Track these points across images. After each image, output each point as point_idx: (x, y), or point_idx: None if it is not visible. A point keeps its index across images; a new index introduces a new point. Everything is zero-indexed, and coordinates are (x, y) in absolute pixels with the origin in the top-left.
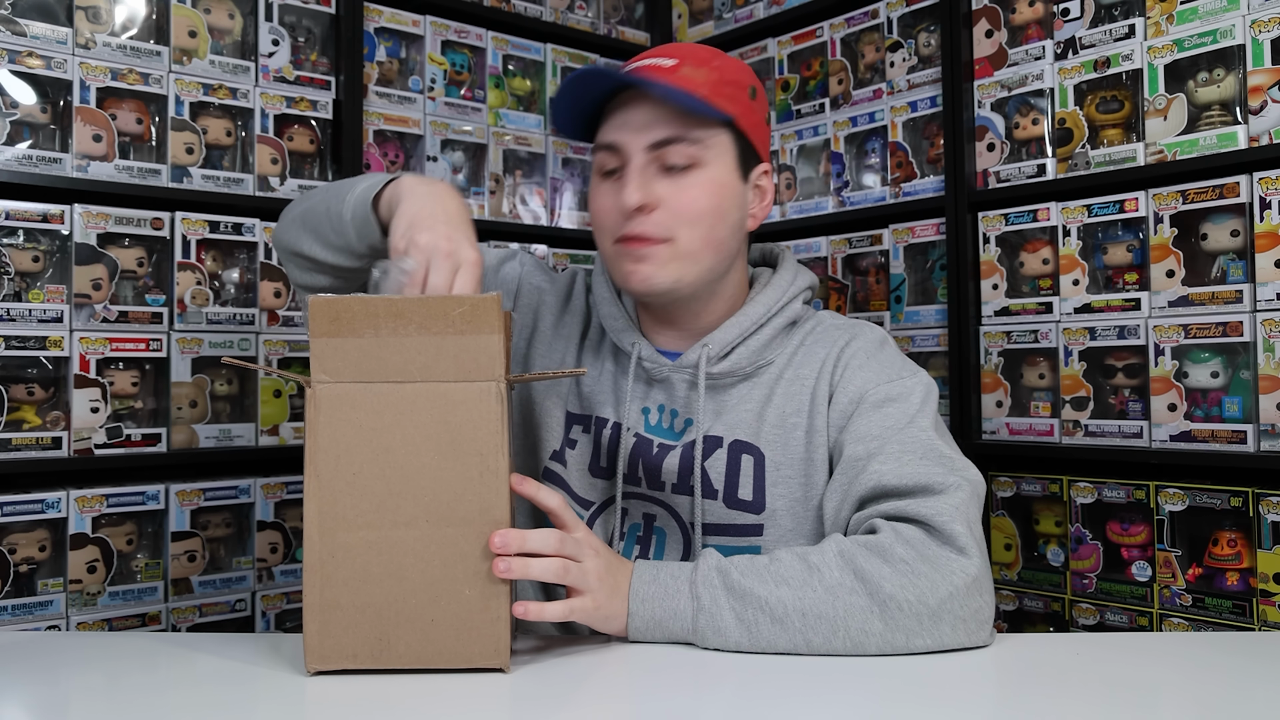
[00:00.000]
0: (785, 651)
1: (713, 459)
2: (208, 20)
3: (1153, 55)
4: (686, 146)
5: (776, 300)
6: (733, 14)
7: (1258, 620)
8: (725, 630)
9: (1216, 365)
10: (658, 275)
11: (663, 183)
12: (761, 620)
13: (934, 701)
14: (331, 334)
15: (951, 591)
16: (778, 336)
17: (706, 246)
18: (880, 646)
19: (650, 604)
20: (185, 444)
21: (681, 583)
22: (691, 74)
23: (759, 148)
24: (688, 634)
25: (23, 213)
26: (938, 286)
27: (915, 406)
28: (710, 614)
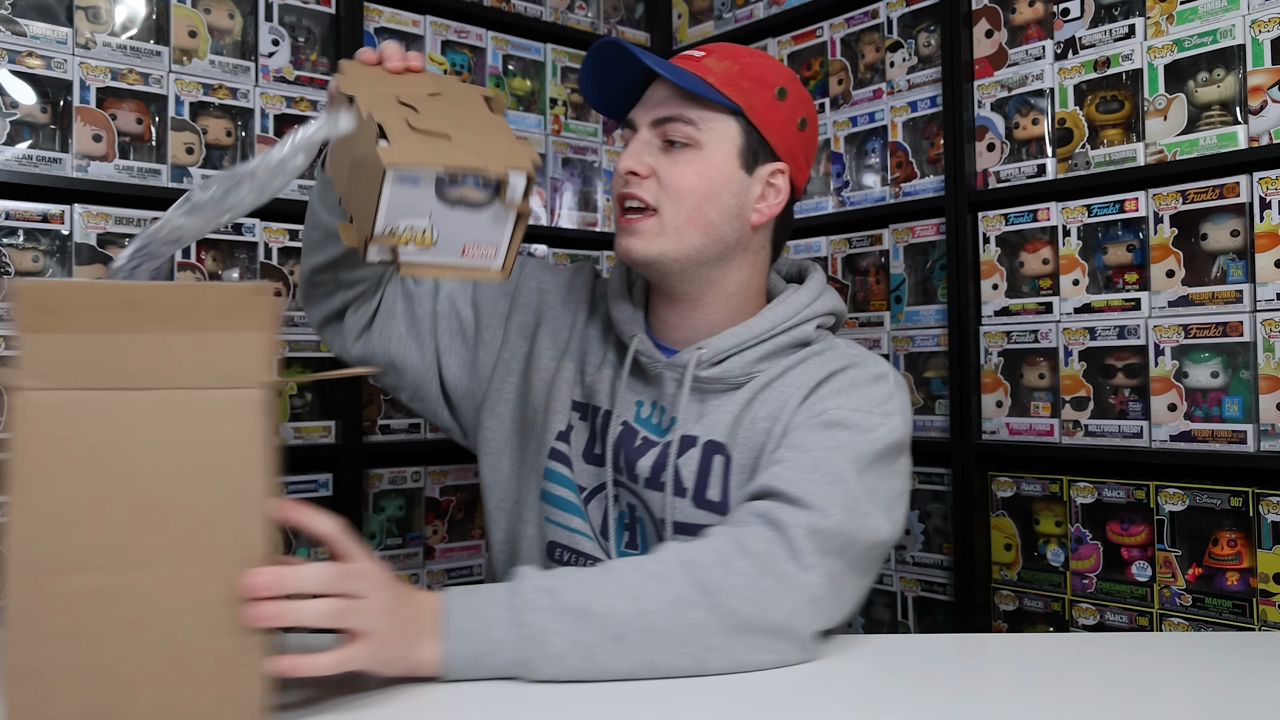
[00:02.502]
0: (626, 676)
1: (686, 457)
2: (208, 20)
3: (1153, 55)
4: (684, 126)
5: (785, 319)
6: (733, 14)
7: (1258, 620)
8: (560, 657)
9: (1216, 365)
10: (644, 245)
11: (661, 157)
12: (599, 641)
13: (934, 701)
14: (44, 328)
15: (793, 610)
16: (780, 354)
17: (692, 224)
18: (724, 663)
19: (468, 639)
20: None
21: (501, 610)
22: (713, 65)
23: (777, 146)
24: (515, 667)
25: (23, 213)
26: (938, 286)
27: (863, 444)
28: (540, 641)
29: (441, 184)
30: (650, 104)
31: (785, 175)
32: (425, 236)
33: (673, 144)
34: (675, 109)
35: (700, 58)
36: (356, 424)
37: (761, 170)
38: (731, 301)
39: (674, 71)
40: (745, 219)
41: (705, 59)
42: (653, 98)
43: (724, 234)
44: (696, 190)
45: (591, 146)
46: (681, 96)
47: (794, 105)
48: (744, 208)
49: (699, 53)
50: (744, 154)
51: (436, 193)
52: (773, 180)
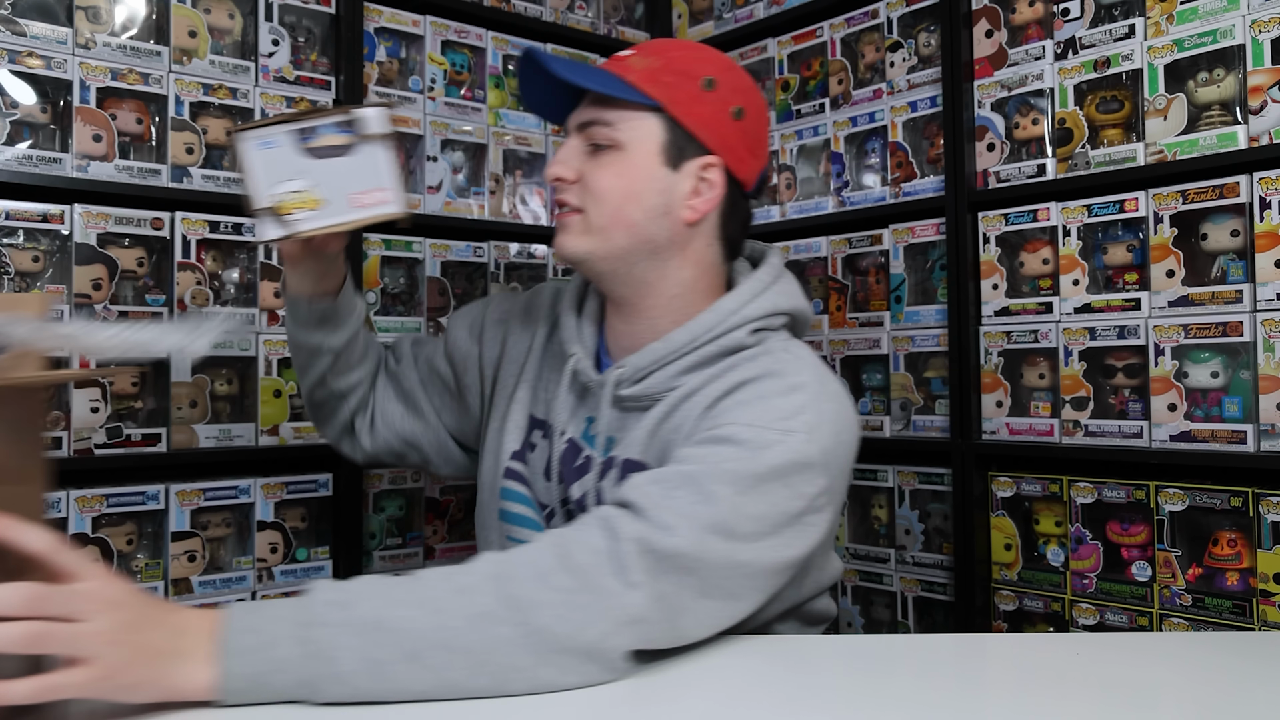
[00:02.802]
0: (419, 695)
1: (607, 479)
2: (208, 20)
3: (1153, 55)
4: (603, 128)
5: (708, 328)
6: (733, 14)
7: (1258, 620)
8: (347, 676)
9: (1216, 365)
10: (572, 243)
11: (587, 160)
12: (391, 658)
13: (934, 701)
14: None
15: (608, 630)
16: (704, 364)
17: (615, 224)
18: (527, 684)
19: (248, 657)
20: (185, 444)
21: (287, 626)
22: (636, 63)
23: (706, 140)
24: (299, 687)
25: (23, 213)
26: (938, 286)
27: (751, 462)
28: (326, 659)
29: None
30: (578, 109)
31: (719, 168)
32: (309, 198)
33: (598, 147)
34: (594, 112)
35: (627, 57)
36: None
37: (690, 165)
38: (674, 304)
39: (586, 75)
40: (675, 216)
41: (631, 58)
42: (581, 103)
43: (651, 233)
44: (617, 190)
45: None
46: (601, 99)
47: (725, 95)
48: (672, 205)
49: (628, 52)
50: (667, 150)
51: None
52: (705, 175)
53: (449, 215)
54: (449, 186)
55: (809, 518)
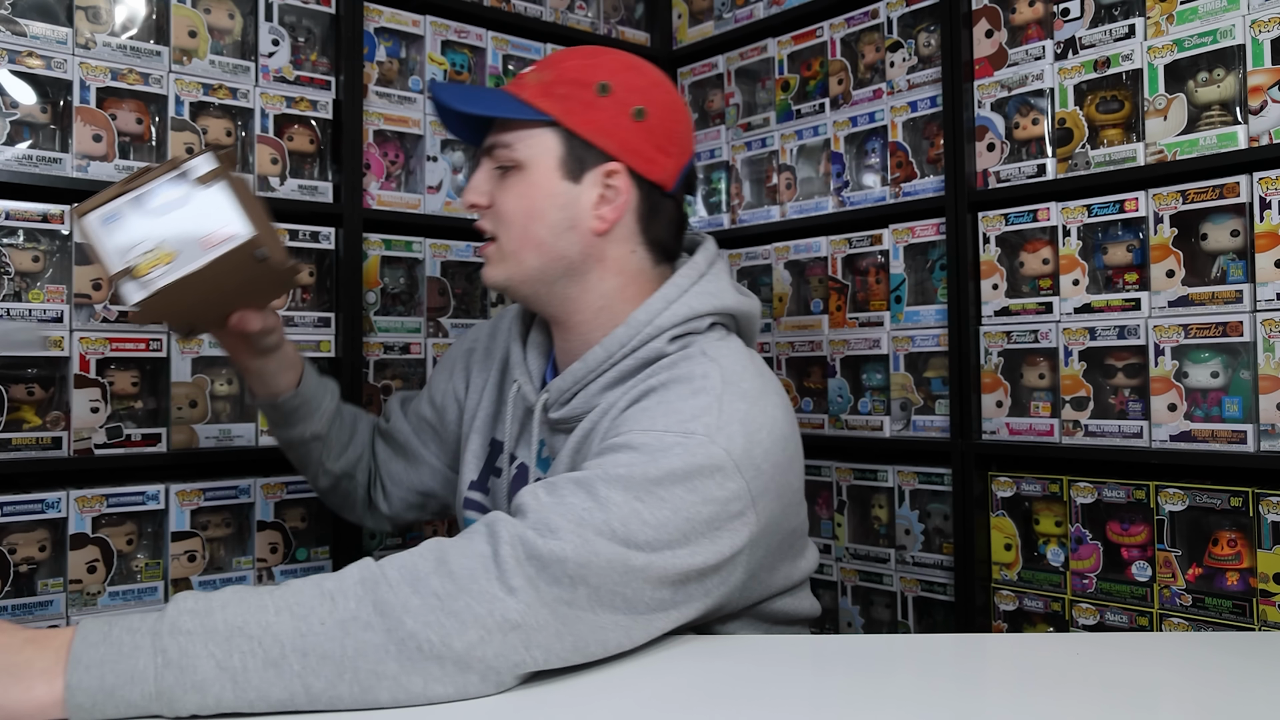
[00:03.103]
0: (280, 705)
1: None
2: (208, 20)
3: (1153, 55)
4: (503, 150)
5: (622, 343)
6: (733, 14)
7: (1258, 620)
8: (204, 684)
9: (1216, 365)
10: (491, 271)
11: (497, 183)
12: (251, 664)
13: (934, 701)
14: None
15: (482, 636)
16: (625, 378)
17: (524, 246)
18: (394, 694)
19: (96, 670)
20: (185, 444)
21: (141, 636)
22: (531, 79)
23: (606, 146)
24: (153, 699)
25: (23, 213)
26: (938, 286)
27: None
28: (180, 667)
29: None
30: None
31: (623, 173)
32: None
33: (504, 169)
34: (495, 135)
35: (525, 74)
36: None
37: (592, 175)
38: (601, 317)
39: (474, 100)
40: (584, 229)
41: (528, 74)
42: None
43: (561, 249)
44: (519, 212)
45: None
46: (501, 121)
47: (622, 97)
48: (578, 218)
49: (528, 69)
50: (566, 164)
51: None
52: (609, 182)
53: (449, 215)
54: (449, 186)
55: (726, 523)
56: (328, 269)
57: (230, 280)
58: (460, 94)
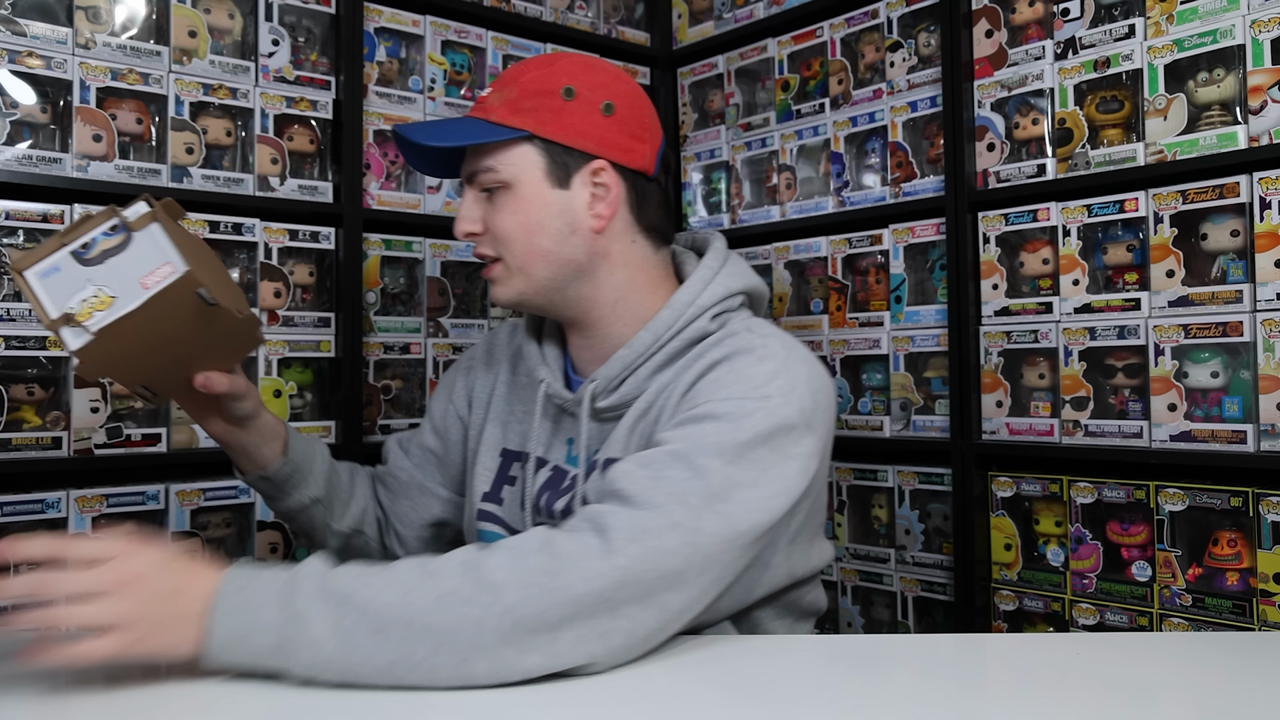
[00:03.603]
0: (384, 673)
1: (591, 481)
2: (208, 20)
3: (1153, 55)
4: (487, 173)
5: (668, 325)
6: (733, 14)
7: (1258, 620)
8: (318, 642)
9: (1216, 365)
10: (502, 291)
11: (486, 207)
12: (360, 631)
13: (934, 701)
14: None
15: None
16: (673, 359)
17: (531, 259)
18: (490, 666)
19: (233, 617)
20: (185, 444)
21: (272, 591)
22: (494, 99)
23: (585, 146)
24: (275, 651)
25: (23, 213)
26: (938, 286)
27: (730, 429)
28: (300, 625)
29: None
30: (464, 162)
31: (609, 169)
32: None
33: (490, 191)
34: (475, 162)
35: (486, 96)
36: (356, 424)
37: (579, 177)
38: (618, 309)
39: (448, 133)
40: (584, 230)
41: (489, 95)
42: (467, 154)
43: (568, 255)
44: (519, 228)
45: None
46: (477, 147)
47: (588, 96)
48: (576, 222)
49: (486, 90)
50: (551, 173)
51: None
52: (598, 180)
53: (449, 215)
54: (449, 186)
55: (800, 478)
56: (328, 269)
57: (179, 328)
58: (429, 131)
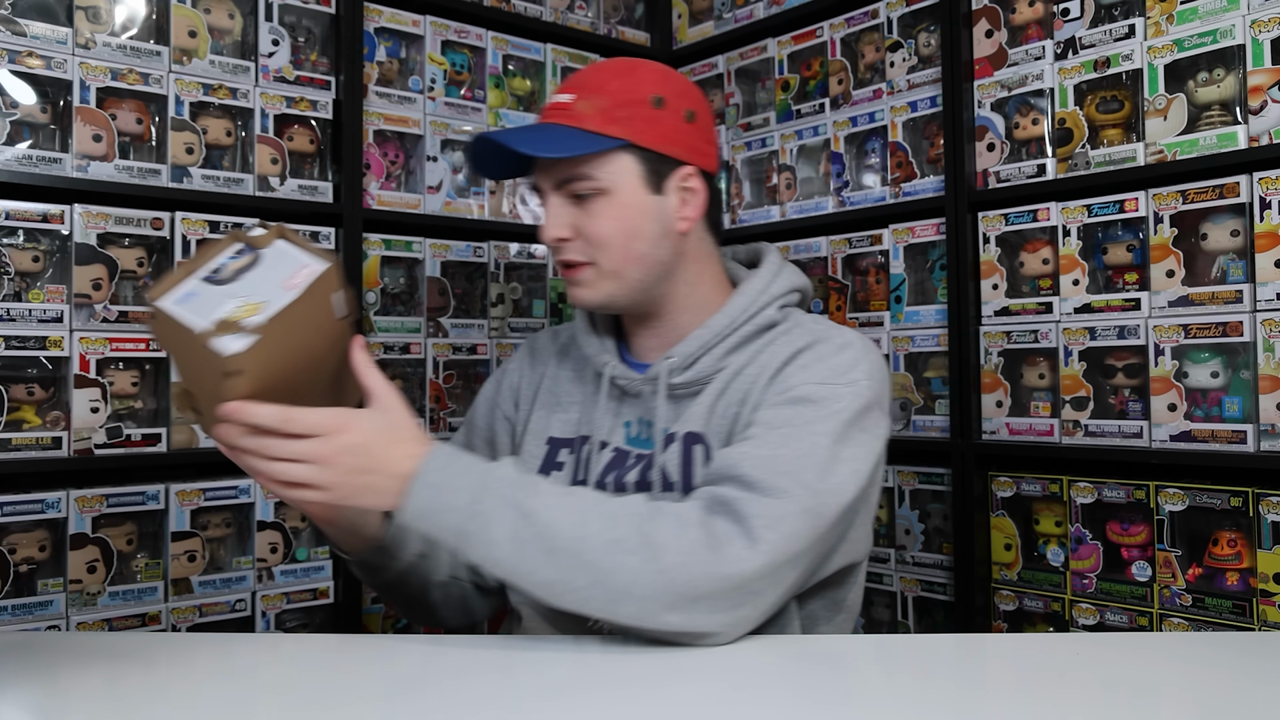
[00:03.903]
0: (543, 588)
1: (669, 453)
2: (208, 20)
3: (1153, 55)
4: (583, 182)
5: (744, 309)
6: (733, 14)
7: (1258, 620)
8: (494, 542)
9: (1216, 365)
10: (590, 294)
11: (577, 213)
12: (533, 546)
13: (934, 701)
14: None
15: (721, 587)
16: (746, 343)
17: (626, 263)
18: (634, 612)
19: (430, 491)
20: (185, 444)
21: (467, 480)
22: (584, 107)
23: (676, 153)
24: (455, 533)
25: (23, 213)
26: (938, 286)
27: (829, 413)
28: (484, 521)
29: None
30: (546, 166)
31: (695, 174)
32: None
33: (582, 197)
34: (569, 168)
35: (569, 103)
36: None
37: (671, 182)
38: (691, 301)
39: (551, 144)
40: (673, 233)
41: (575, 104)
42: (545, 160)
43: (659, 257)
44: (618, 233)
45: None
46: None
47: (675, 105)
48: (668, 225)
49: (566, 97)
50: (648, 179)
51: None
52: (686, 184)
53: (449, 215)
54: (449, 186)
55: (880, 449)
56: None
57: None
58: (524, 138)
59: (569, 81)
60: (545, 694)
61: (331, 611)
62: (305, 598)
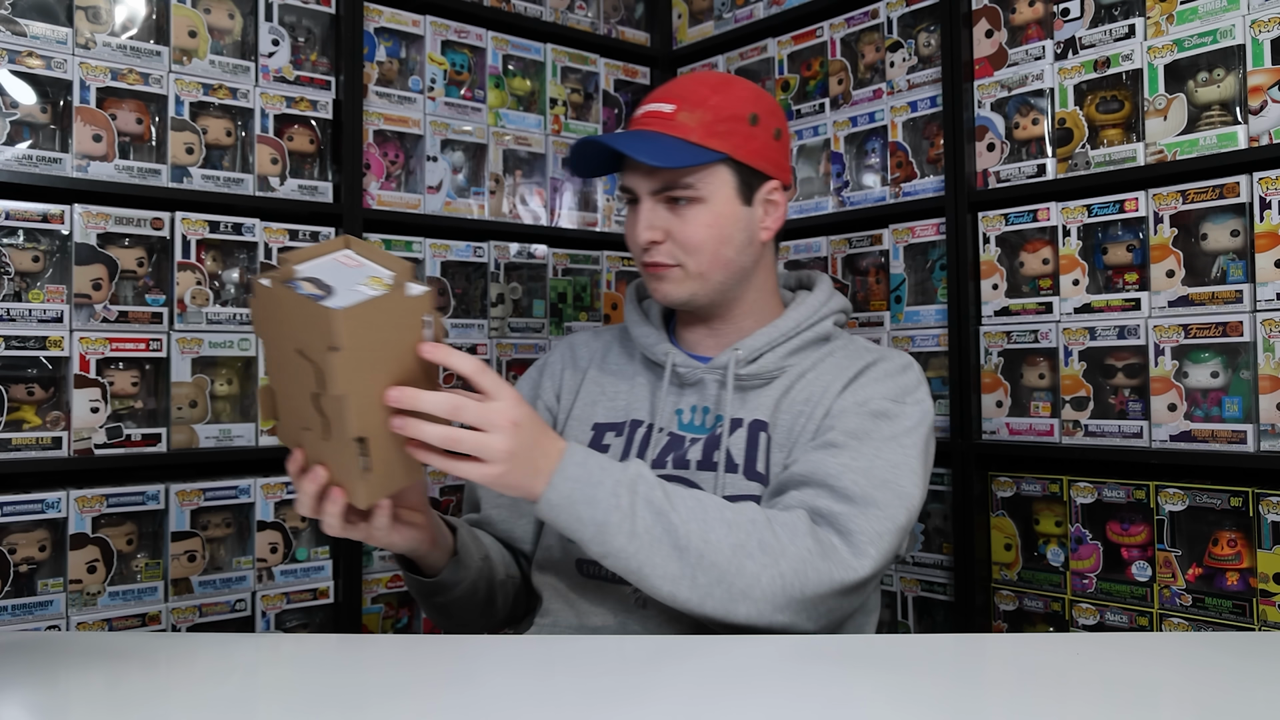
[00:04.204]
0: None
1: (735, 437)
2: (208, 20)
3: (1153, 55)
4: (683, 190)
5: (807, 317)
6: (733, 14)
7: (1258, 620)
8: (634, 533)
9: (1216, 365)
10: (675, 291)
11: (669, 217)
12: (664, 543)
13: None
14: None
15: (826, 593)
16: (806, 348)
17: (714, 267)
18: (749, 612)
19: (571, 484)
20: (185, 444)
21: (609, 475)
22: (687, 119)
23: (765, 168)
24: (594, 525)
25: (23, 213)
26: (938, 286)
27: (903, 429)
28: (625, 515)
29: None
30: (643, 172)
31: (779, 187)
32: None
33: (677, 201)
34: (671, 176)
35: (672, 114)
36: None
37: (759, 194)
38: (755, 307)
39: (659, 152)
40: (756, 242)
41: (677, 114)
42: (642, 165)
43: (742, 263)
44: (710, 240)
45: None
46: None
47: (766, 123)
48: (753, 234)
49: (667, 107)
50: (741, 191)
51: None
52: (770, 197)
53: (449, 215)
54: (449, 186)
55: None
56: None
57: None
58: (640, 148)
59: (666, 92)
60: (546, 694)
61: (331, 611)
62: (305, 598)
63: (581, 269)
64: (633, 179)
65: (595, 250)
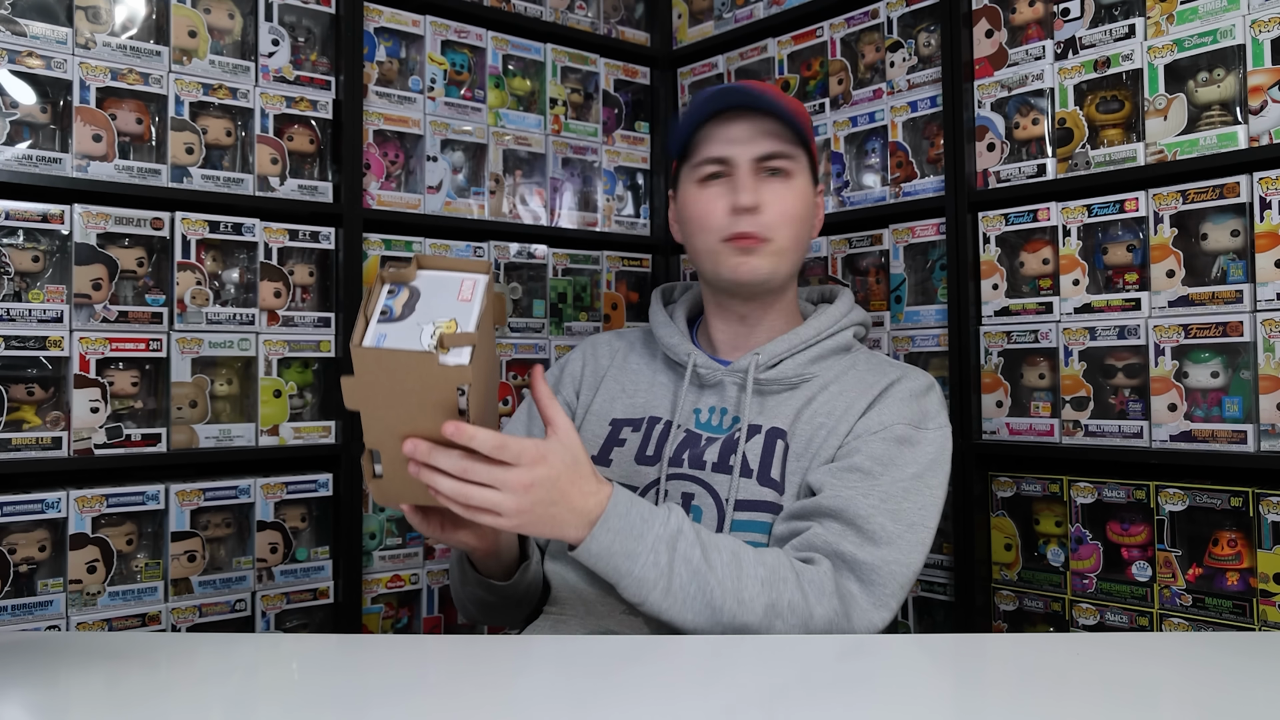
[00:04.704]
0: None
1: (751, 442)
2: (208, 20)
3: (1153, 55)
4: (783, 160)
5: (828, 326)
6: (733, 14)
7: (1258, 620)
8: (668, 590)
9: (1216, 365)
10: (763, 264)
11: (764, 189)
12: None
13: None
14: None
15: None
16: (826, 357)
17: (794, 245)
18: None
19: (612, 536)
20: (185, 444)
21: (651, 529)
22: (790, 106)
23: (816, 173)
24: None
25: (23, 213)
26: (938, 286)
27: (924, 461)
28: (663, 572)
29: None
30: (744, 139)
31: (821, 192)
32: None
33: (774, 173)
34: (779, 145)
35: (774, 88)
36: (357, 424)
37: (814, 193)
38: (783, 305)
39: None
40: (811, 235)
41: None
42: (740, 133)
43: (804, 251)
44: (796, 215)
45: (591, 146)
46: (774, 132)
47: (812, 136)
48: (813, 226)
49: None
50: (811, 180)
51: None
52: (817, 200)
53: (449, 215)
54: (449, 186)
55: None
56: (328, 269)
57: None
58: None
59: (745, 82)
60: (546, 694)
61: (331, 611)
62: (305, 598)
63: (581, 269)
64: (732, 149)
65: (595, 250)
